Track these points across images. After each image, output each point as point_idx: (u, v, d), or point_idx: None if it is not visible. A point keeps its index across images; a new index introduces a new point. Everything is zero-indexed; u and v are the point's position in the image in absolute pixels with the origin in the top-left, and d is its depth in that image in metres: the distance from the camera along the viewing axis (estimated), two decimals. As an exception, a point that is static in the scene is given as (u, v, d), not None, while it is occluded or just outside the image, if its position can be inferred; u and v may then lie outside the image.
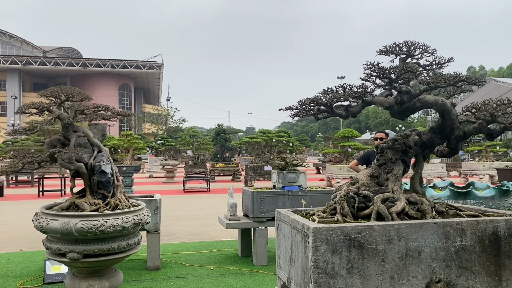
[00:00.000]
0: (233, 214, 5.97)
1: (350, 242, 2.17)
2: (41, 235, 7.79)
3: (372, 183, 2.48)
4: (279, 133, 19.21)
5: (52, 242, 3.81)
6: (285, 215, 2.61)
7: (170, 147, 21.68)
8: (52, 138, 4.03)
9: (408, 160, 2.55)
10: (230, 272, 5.38)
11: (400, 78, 2.29)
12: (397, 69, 2.24)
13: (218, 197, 14.26)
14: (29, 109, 3.94)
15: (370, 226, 2.19)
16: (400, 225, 2.22)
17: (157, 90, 79.20)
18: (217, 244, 6.98)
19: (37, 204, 13.04)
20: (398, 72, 2.25)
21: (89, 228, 3.63)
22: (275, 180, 6.20)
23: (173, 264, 5.76)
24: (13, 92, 61.53)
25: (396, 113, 2.42)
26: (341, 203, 2.36)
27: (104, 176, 4.01)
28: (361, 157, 6.44)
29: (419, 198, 2.44)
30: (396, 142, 2.50)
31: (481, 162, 18.42)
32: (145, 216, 4.02)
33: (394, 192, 2.39)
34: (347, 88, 2.50)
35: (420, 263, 2.23)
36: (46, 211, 3.81)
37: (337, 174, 16.24)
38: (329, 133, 67.47)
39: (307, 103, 2.30)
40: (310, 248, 2.15)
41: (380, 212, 2.28)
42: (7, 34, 69.39)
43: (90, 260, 3.77)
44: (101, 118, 4.11)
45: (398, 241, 2.21)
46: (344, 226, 2.17)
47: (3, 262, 5.90)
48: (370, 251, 2.18)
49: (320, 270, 2.14)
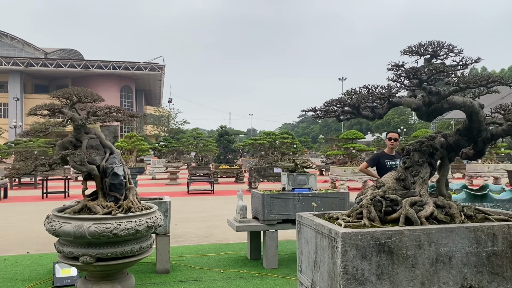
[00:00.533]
0: (243, 217, 5.90)
1: (380, 247, 2.11)
2: (48, 238, 7.76)
3: (399, 186, 2.42)
4: (283, 135, 19.17)
5: (64, 245, 3.75)
6: (308, 219, 2.55)
7: (173, 148, 21.62)
8: (64, 140, 3.97)
9: (435, 163, 2.49)
10: (241, 275, 5.32)
11: (431, 79, 2.24)
12: (429, 70, 2.19)
13: (222, 199, 14.20)
14: (41, 110, 3.88)
15: (400, 230, 2.13)
16: (430, 230, 2.16)
17: (158, 91, 79.20)
18: (226, 247, 6.92)
19: (42, 206, 13.01)
20: (429, 73, 2.19)
21: (102, 231, 3.57)
22: (284, 182, 6.14)
23: (182, 267, 5.70)
24: (14, 94, 61.52)
25: (423, 115, 2.36)
26: (368, 207, 2.30)
27: (116, 179, 3.95)
28: (371, 158, 6.30)
29: (447, 202, 2.38)
30: (423, 144, 2.44)
31: (485, 164, 18.33)
32: (158, 219, 3.96)
33: (422, 195, 2.33)
34: (371, 89, 2.44)
35: (451, 269, 2.17)
36: (58, 214, 3.76)
37: (341, 176, 16.17)
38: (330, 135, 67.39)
39: (333, 104, 2.24)
40: (339, 253, 2.09)
41: (409, 216, 2.22)
42: (8, 36, 69.44)
43: (103, 263, 3.72)
44: (114, 120, 4.05)
45: (429, 246, 2.15)
46: (373, 231, 2.12)
47: (11, 265, 5.85)
48: (400, 257, 2.13)
49: (350, 276, 2.08)
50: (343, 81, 63.22)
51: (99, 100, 4.05)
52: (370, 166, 6.25)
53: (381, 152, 6.34)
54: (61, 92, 3.96)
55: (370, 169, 6.30)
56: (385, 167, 5.89)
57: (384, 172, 5.81)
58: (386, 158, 6.00)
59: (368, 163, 6.29)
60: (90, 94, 3.99)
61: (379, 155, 6.21)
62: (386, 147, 6.29)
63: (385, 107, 2.37)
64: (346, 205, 5.86)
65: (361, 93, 2.48)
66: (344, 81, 63.27)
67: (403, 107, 4.75)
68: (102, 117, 4.02)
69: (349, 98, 2.26)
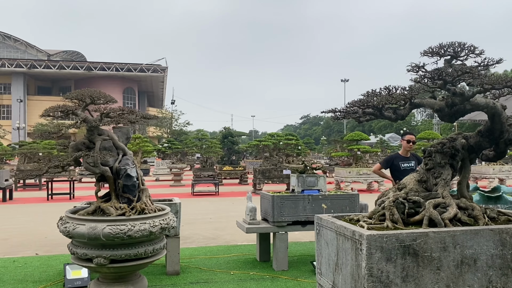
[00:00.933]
0: (253, 218, 5.89)
1: (405, 250, 2.09)
2: (56, 240, 7.75)
3: (420, 188, 2.41)
4: (287, 136, 19.16)
5: (78, 247, 3.74)
6: (329, 221, 2.54)
7: (177, 150, 21.64)
8: (77, 141, 3.97)
9: (456, 165, 2.48)
10: (251, 277, 5.30)
11: (456, 80, 2.22)
12: (455, 71, 2.17)
13: (227, 200, 14.19)
14: (55, 111, 3.88)
15: (425, 232, 2.12)
16: (455, 232, 2.14)
17: (161, 93, 79.32)
18: (234, 249, 6.90)
19: (47, 208, 13.01)
20: (454, 74, 2.17)
21: (116, 233, 3.56)
22: (294, 184, 6.12)
23: (192, 269, 5.69)
24: (18, 96, 61.68)
25: (446, 116, 2.35)
26: (390, 209, 2.28)
27: (129, 180, 3.94)
28: (385, 160, 6.24)
29: (469, 204, 2.36)
30: (445, 145, 2.42)
31: (490, 165, 18.27)
32: (171, 220, 3.95)
33: (445, 197, 2.32)
34: (392, 90, 2.42)
35: (476, 271, 2.16)
36: (72, 216, 3.75)
37: (346, 178, 16.14)
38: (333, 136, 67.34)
39: (355, 105, 2.23)
40: (363, 255, 2.07)
41: (433, 218, 2.21)
42: (12, 38, 69.66)
43: (117, 265, 3.71)
44: (127, 121, 4.04)
45: (454, 248, 2.14)
46: (398, 233, 2.10)
47: (20, 266, 5.84)
48: (425, 259, 2.11)
49: (374, 278, 2.06)
50: (346, 82, 63.17)
51: (112, 101, 4.04)
52: (384, 167, 6.17)
53: (395, 154, 6.27)
54: (74, 93, 3.95)
55: (384, 171, 6.24)
56: (399, 169, 5.83)
57: (398, 174, 5.77)
58: (401, 160, 5.95)
59: (382, 164, 6.22)
60: (103, 96, 3.98)
61: (393, 157, 6.14)
62: (395, 149, 6.25)
63: (407, 108, 2.36)
64: (356, 207, 5.84)
65: (381, 94, 2.46)
66: (347, 82, 63.21)
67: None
68: (115, 118, 4.02)
69: (371, 99, 2.25)
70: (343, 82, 63.27)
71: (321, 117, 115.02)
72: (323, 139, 60.49)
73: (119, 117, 4.00)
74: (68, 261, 5.83)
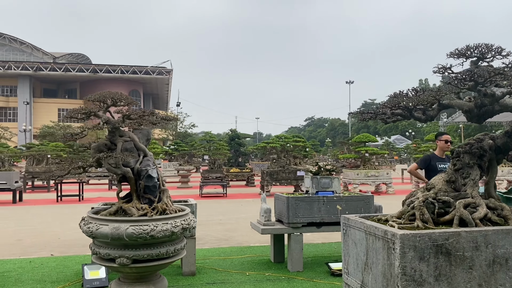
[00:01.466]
0: (267, 220, 5.91)
1: (438, 249, 2.12)
2: (69, 240, 7.81)
3: (449, 188, 2.43)
4: (295, 138, 19.20)
5: (100, 247, 3.78)
6: (357, 221, 2.56)
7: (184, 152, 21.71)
8: (99, 143, 4.02)
9: (484, 165, 2.50)
10: (267, 278, 5.33)
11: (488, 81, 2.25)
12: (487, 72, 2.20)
13: (236, 202, 14.22)
14: (77, 114, 3.93)
15: (457, 232, 2.14)
16: (487, 231, 2.17)
17: (166, 95, 79.55)
18: (247, 250, 6.93)
19: (58, 209, 13.08)
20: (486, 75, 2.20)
21: (139, 233, 3.60)
22: (308, 185, 6.15)
23: (207, 269, 5.72)
24: (24, 98, 62.05)
25: (474, 117, 2.37)
26: (420, 209, 2.31)
27: (151, 181, 3.99)
28: (422, 160, 6.01)
29: (498, 204, 2.38)
30: (473, 146, 2.44)
31: (500, 167, 18.22)
32: (191, 221, 3.99)
33: (474, 197, 2.34)
34: (419, 91, 2.45)
35: (508, 271, 2.18)
36: (95, 216, 3.79)
37: (354, 180, 16.14)
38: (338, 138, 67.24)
39: (385, 107, 2.26)
40: (397, 255, 2.10)
41: (464, 218, 2.23)
42: (18, 41, 70.12)
43: (139, 265, 3.74)
44: (148, 123, 4.09)
45: (485, 247, 2.16)
46: (431, 233, 2.13)
47: (37, 267, 5.89)
48: (457, 258, 2.13)
49: (408, 277, 2.09)
50: (351, 84, 63.16)
51: (133, 103, 4.09)
52: (420, 168, 5.97)
53: (432, 154, 6.11)
54: (96, 95, 4.00)
55: (419, 171, 6.14)
56: (436, 169, 5.62)
57: (433, 175, 5.63)
58: (437, 160, 5.80)
59: (419, 164, 6.01)
60: (124, 98, 4.03)
61: (431, 157, 5.96)
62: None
63: (435, 109, 2.38)
64: (370, 208, 5.85)
65: (408, 95, 2.49)
66: (352, 84, 63.19)
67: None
68: (136, 120, 4.06)
69: (402, 100, 2.28)
70: (348, 84, 63.25)
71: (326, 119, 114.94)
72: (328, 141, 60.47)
73: (141, 119, 4.05)
74: (84, 262, 5.89)
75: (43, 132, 51.20)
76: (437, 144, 6.06)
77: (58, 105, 67.45)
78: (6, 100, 65.94)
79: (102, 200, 14.24)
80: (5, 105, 65.81)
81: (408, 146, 43.92)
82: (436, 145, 6.16)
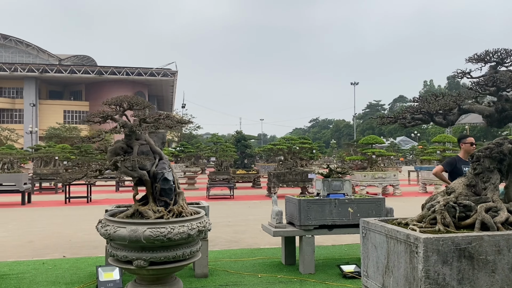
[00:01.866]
0: (279, 222, 5.94)
1: (461, 253, 2.14)
2: (80, 242, 7.87)
3: (470, 192, 2.45)
4: (302, 140, 19.22)
5: (118, 249, 3.82)
6: (377, 224, 2.59)
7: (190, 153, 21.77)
8: (116, 146, 4.06)
9: (504, 169, 2.52)
10: (279, 280, 5.35)
11: (510, 86, 2.27)
12: (510, 78, 2.22)
13: (243, 204, 14.26)
14: (94, 117, 3.98)
15: (480, 236, 2.16)
16: (509, 235, 2.19)
17: (170, 97, 79.78)
18: (258, 252, 6.96)
19: (66, 211, 13.15)
20: (509, 81, 2.23)
21: (157, 236, 3.64)
22: (319, 188, 6.17)
23: (219, 271, 5.75)
24: (30, 100, 62.39)
25: (495, 121, 2.40)
26: (441, 213, 2.33)
27: (167, 184, 4.03)
28: (448, 163, 5.90)
29: (519, 208, 2.40)
30: (493, 150, 2.47)
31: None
32: (207, 223, 4.03)
33: (495, 201, 2.36)
34: (440, 96, 2.48)
35: (530, 274, 2.19)
36: (112, 219, 3.83)
37: (361, 182, 16.13)
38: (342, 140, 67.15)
39: (407, 111, 2.28)
40: (420, 258, 2.12)
41: (486, 222, 2.25)
42: (24, 43, 70.58)
43: (156, 267, 3.78)
44: (164, 126, 4.13)
45: (508, 251, 2.18)
46: (454, 236, 2.15)
47: (50, 269, 5.95)
48: (480, 262, 2.15)
49: (431, 280, 2.11)
50: (355, 85, 63.08)
51: (149, 107, 4.14)
52: (446, 170, 5.87)
53: (457, 157, 6.04)
54: (113, 99, 4.05)
55: (444, 174, 5.96)
56: (461, 172, 5.51)
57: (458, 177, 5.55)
58: (463, 163, 5.71)
59: (444, 166, 5.90)
60: (141, 102, 4.08)
61: (456, 159, 5.87)
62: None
63: (455, 114, 2.41)
64: (382, 211, 5.86)
65: (427, 100, 2.52)
66: (356, 85, 63.12)
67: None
68: (152, 123, 4.10)
69: (424, 105, 2.30)
70: (352, 85, 63.18)
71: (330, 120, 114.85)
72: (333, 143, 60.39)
73: (157, 122, 4.09)
74: (96, 263, 5.94)
75: (49, 133, 51.49)
76: (461, 147, 5.94)
77: (64, 107, 67.84)
78: (12, 102, 66.37)
79: (109, 202, 14.35)
80: (11, 107, 66.24)
81: (414, 148, 43.83)
82: (460, 148, 6.08)
